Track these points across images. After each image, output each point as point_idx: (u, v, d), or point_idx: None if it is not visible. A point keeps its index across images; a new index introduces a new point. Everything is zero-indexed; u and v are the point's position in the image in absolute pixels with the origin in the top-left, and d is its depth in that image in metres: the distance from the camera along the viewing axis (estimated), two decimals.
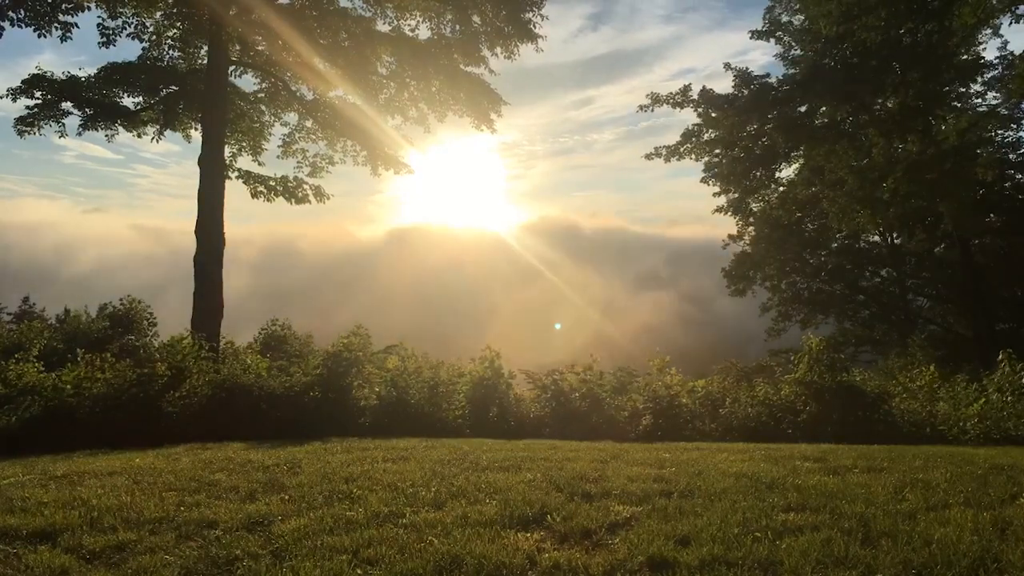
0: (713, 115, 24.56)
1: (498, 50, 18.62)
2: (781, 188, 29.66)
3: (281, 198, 20.59)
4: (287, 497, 5.03)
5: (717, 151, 26.57)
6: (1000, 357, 10.72)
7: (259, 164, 21.13)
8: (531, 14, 18.09)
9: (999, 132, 27.01)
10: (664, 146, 25.88)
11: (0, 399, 9.95)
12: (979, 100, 26.32)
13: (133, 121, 19.00)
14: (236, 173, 20.02)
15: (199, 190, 17.34)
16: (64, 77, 17.72)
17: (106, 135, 18.80)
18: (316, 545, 3.89)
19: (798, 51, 27.42)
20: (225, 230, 17.49)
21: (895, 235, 30.22)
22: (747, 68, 24.67)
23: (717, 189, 29.47)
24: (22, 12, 14.11)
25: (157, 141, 20.32)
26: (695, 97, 24.42)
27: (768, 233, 29.24)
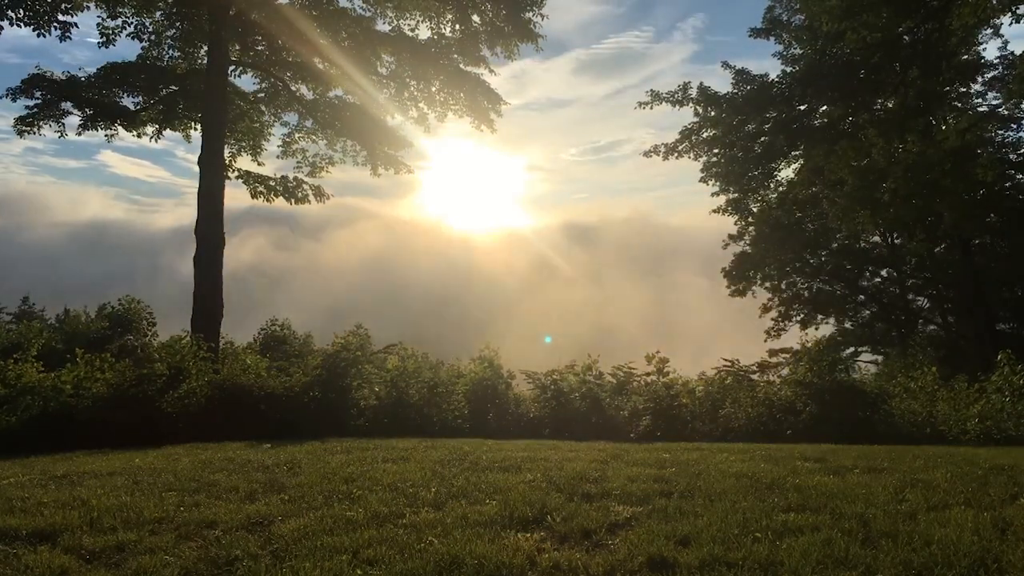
0: (711, 113, 24.51)
1: (498, 50, 18.64)
2: (781, 188, 29.63)
3: (281, 198, 20.62)
4: (287, 497, 5.03)
5: (716, 150, 26.51)
6: (1000, 358, 10.73)
7: (259, 164, 21.18)
8: (531, 14, 18.09)
9: (999, 132, 27.00)
10: (663, 143, 25.80)
11: (0, 399, 9.94)
12: (979, 100, 26.35)
13: (133, 121, 18.99)
14: (236, 173, 20.04)
15: (199, 190, 17.34)
16: (64, 77, 17.71)
17: (106, 135, 18.82)
18: (316, 545, 3.88)
19: (797, 50, 27.40)
20: (225, 230, 17.49)
21: (895, 235, 30.20)
22: (744, 67, 24.66)
23: (716, 188, 29.42)
24: (21, 11, 14.07)
25: (156, 141, 20.32)
26: (694, 95, 24.36)
27: (768, 233, 29.16)
